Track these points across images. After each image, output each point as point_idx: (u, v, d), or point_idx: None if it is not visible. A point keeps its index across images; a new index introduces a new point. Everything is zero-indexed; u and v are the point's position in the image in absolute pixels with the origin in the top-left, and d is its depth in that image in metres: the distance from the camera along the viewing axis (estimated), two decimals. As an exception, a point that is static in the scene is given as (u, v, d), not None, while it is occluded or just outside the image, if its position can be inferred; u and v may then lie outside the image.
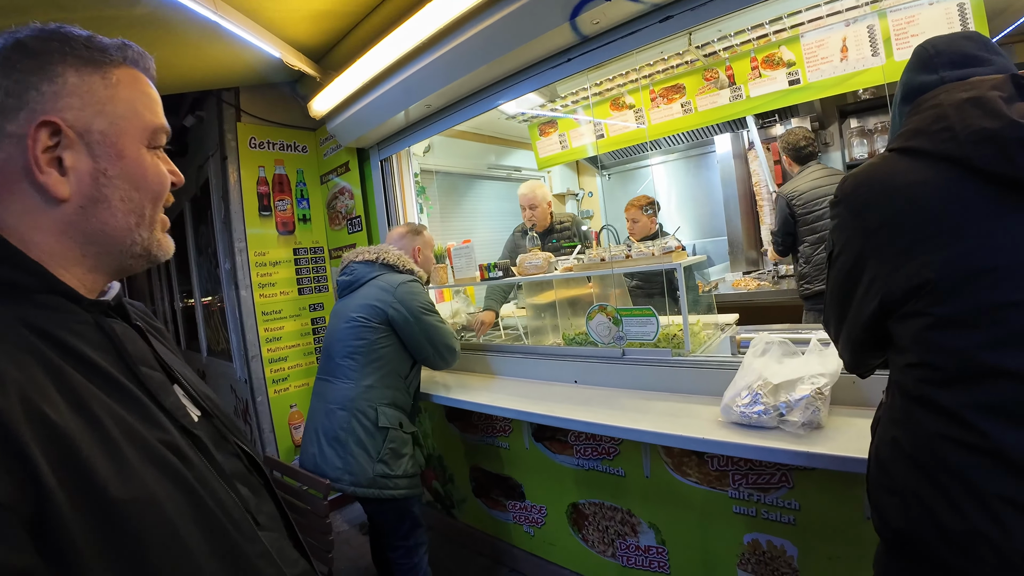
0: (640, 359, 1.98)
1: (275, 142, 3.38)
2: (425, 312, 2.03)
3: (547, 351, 2.29)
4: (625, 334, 2.01)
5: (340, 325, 2.06)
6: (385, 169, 3.02)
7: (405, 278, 2.06)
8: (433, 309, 2.08)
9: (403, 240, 2.24)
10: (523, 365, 2.34)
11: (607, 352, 2.06)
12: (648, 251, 2.07)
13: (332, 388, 2.03)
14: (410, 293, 2.02)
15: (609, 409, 1.80)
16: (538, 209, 3.05)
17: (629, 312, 2.00)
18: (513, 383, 2.32)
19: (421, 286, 2.11)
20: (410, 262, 2.14)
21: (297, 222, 3.45)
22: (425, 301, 2.06)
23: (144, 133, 0.69)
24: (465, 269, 2.66)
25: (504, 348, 2.48)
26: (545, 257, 2.38)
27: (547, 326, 2.63)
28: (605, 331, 2.05)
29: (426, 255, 2.28)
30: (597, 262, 2.16)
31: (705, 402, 1.73)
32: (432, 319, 2.05)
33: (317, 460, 1.97)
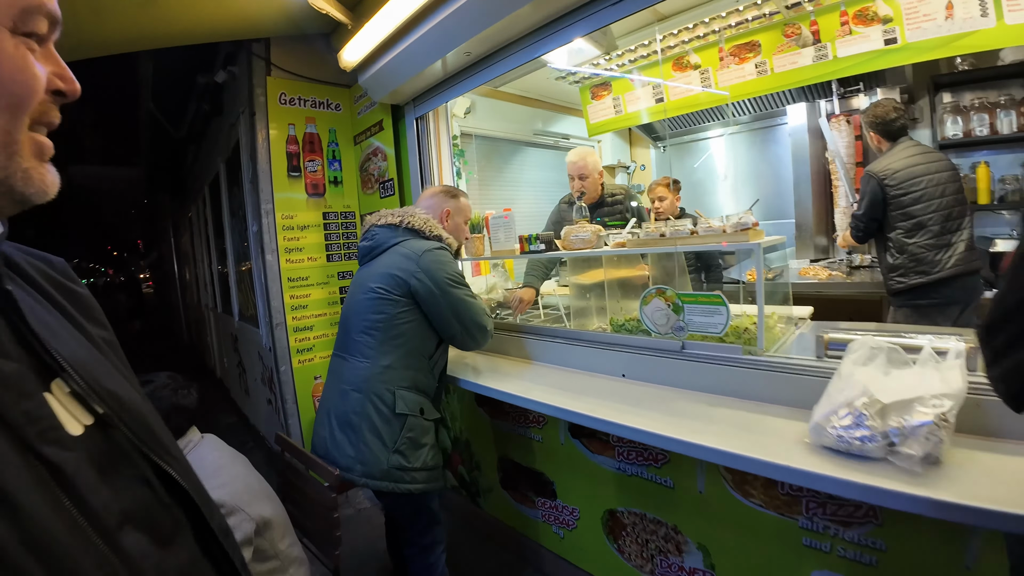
0: (703, 355, 1.67)
1: (307, 99, 3.16)
2: (452, 284, 1.79)
3: (592, 337, 2.01)
4: (686, 324, 1.71)
5: (358, 296, 1.84)
6: (421, 128, 2.75)
7: (431, 245, 1.82)
8: (462, 281, 1.84)
9: (433, 201, 1.99)
10: (564, 352, 2.07)
11: (663, 344, 1.77)
12: (718, 227, 1.74)
13: (347, 367, 1.82)
14: (436, 262, 1.77)
15: (665, 414, 1.52)
16: (588, 179, 2.74)
17: (693, 298, 1.69)
18: (551, 371, 2.05)
19: (450, 255, 1.87)
20: (438, 227, 1.90)
21: (328, 184, 3.25)
22: (453, 271, 1.82)
23: (5, 11, 0.45)
24: (503, 240, 2.40)
25: (543, 331, 2.21)
26: (594, 231, 2.08)
27: (592, 308, 2.34)
28: (663, 319, 1.75)
29: (456, 222, 2.01)
30: (656, 238, 1.85)
31: (784, 415, 1.42)
32: (461, 292, 1.81)
33: (328, 446, 1.78)
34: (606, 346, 1.92)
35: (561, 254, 2.13)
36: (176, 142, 5.48)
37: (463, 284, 1.84)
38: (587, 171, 2.72)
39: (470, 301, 1.84)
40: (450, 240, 1.91)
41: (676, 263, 2.02)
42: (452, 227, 1.99)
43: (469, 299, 1.84)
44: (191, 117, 4.73)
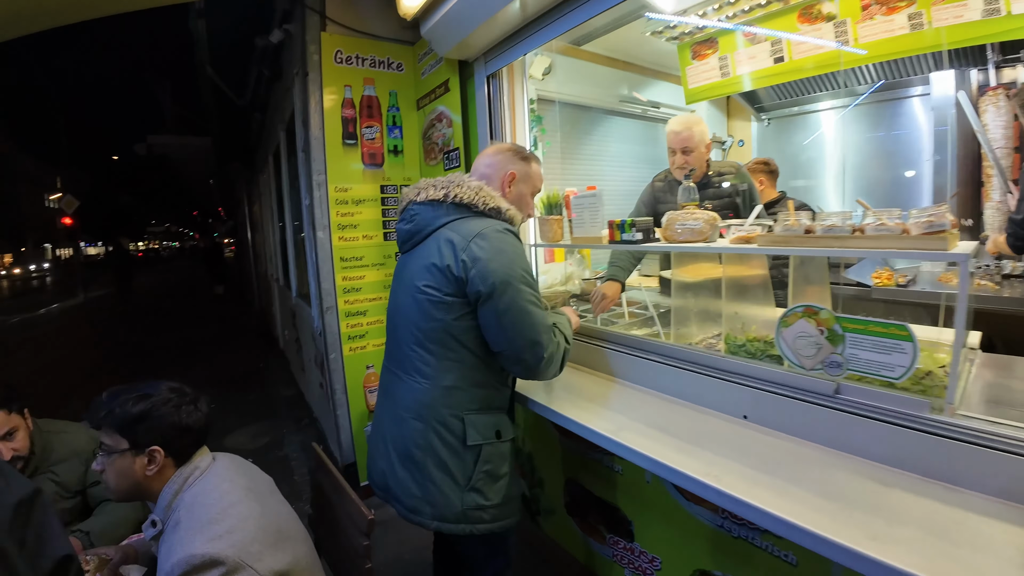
0: (867, 406, 1.20)
1: (365, 57, 2.81)
2: (512, 281, 1.33)
3: (699, 359, 1.55)
4: (846, 360, 1.23)
5: (403, 298, 1.47)
6: (493, 88, 2.33)
7: (487, 224, 1.38)
8: (526, 278, 1.37)
9: (495, 160, 1.54)
10: (660, 374, 1.63)
11: (806, 382, 1.30)
12: (895, 225, 1.24)
13: (402, 387, 1.46)
14: (491, 248, 1.33)
15: (816, 493, 1.06)
16: (695, 154, 2.24)
17: (862, 326, 1.20)
18: (643, 398, 1.62)
19: (514, 237, 1.41)
20: (494, 196, 1.44)
21: (387, 154, 2.90)
22: (515, 262, 1.36)
23: None
24: (588, 224, 1.96)
25: (632, 343, 1.78)
26: (708, 219, 1.61)
27: (691, 312, 1.87)
28: (810, 349, 1.27)
29: (520, 191, 1.56)
30: (799, 235, 1.36)
31: (998, 513, 0.94)
32: (522, 295, 1.35)
33: (389, 481, 1.46)
34: (720, 373, 1.46)
35: (664, 247, 1.67)
36: (241, 110, 5.35)
37: (526, 283, 1.37)
38: (693, 143, 2.22)
39: (532, 310, 1.36)
40: (511, 212, 1.46)
41: (818, 270, 1.52)
42: (515, 196, 1.54)
43: (529, 305, 1.36)
44: (253, 83, 4.53)
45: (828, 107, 3.87)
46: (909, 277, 2.82)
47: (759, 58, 2.75)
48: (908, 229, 1.23)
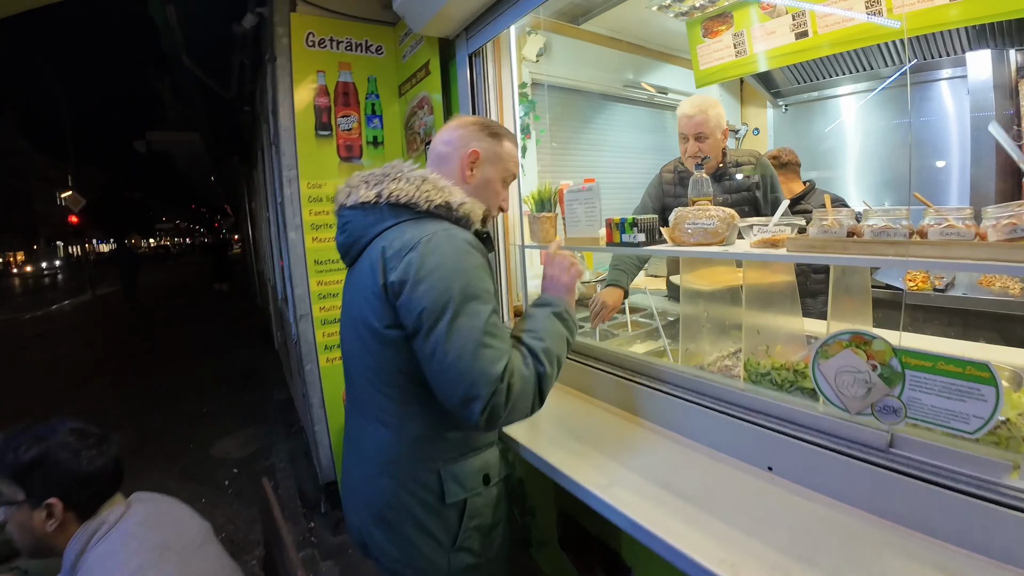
0: (930, 466, 0.92)
1: (340, 40, 2.54)
2: (446, 309, 0.98)
3: (711, 391, 1.27)
4: (905, 405, 0.95)
5: (347, 330, 1.20)
6: (476, 68, 2.06)
7: (428, 231, 1.04)
8: (471, 302, 1.00)
9: (452, 137, 1.20)
10: (663, 406, 1.36)
11: (850, 430, 1.02)
12: (964, 226, 0.97)
13: (364, 434, 1.18)
14: (425, 264, 1.00)
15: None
16: (709, 140, 1.95)
17: (929, 363, 0.92)
18: (644, 436, 1.35)
19: (465, 242, 1.05)
20: (444, 189, 1.11)
21: (365, 145, 2.64)
22: (454, 278, 1.00)
23: None
24: (583, 223, 1.69)
25: (631, 367, 1.50)
26: (724, 218, 1.34)
27: (703, 325, 1.59)
28: (858, 388, 0.99)
29: (486, 176, 1.21)
30: (840, 238, 1.08)
31: None
32: (459, 328, 0.98)
33: (365, 539, 1.20)
34: (739, 411, 1.18)
35: (672, 251, 1.39)
36: (229, 103, 5.11)
37: (469, 309, 0.99)
38: (709, 128, 1.93)
39: (468, 346, 0.96)
40: (466, 208, 1.12)
41: (860, 279, 1.24)
42: (479, 183, 1.20)
43: (468, 341, 0.97)
44: (237, 73, 4.28)
45: (850, 91, 3.55)
46: (947, 280, 2.52)
47: (779, 33, 2.44)
48: (983, 234, 0.95)
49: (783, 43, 2.43)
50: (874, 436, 0.99)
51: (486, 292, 1.03)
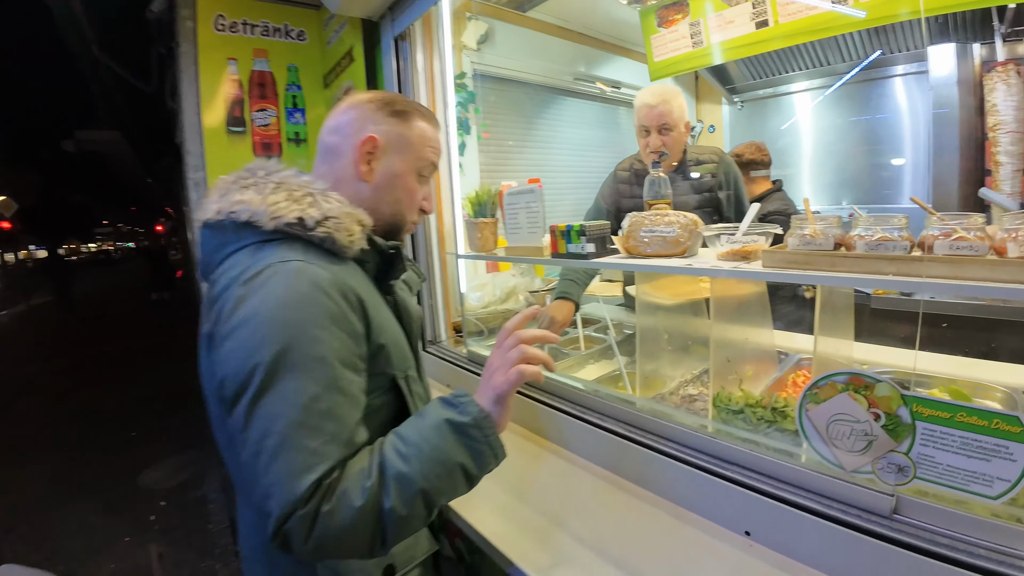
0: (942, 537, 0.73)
1: (255, 23, 2.25)
2: (252, 381, 0.68)
3: (674, 435, 1.06)
4: (915, 462, 0.76)
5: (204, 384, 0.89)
6: (403, 54, 1.80)
7: (261, 265, 0.75)
8: (295, 362, 0.69)
9: (341, 122, 0.90)
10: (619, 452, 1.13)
11: (846, 491, 0.83)
12: (977, 238, 0.80)
13: (239, 512, 0.93)
14: (243, 314, 0.72)
15: None
16: (672, 133, 1.76)
17: (947, 413, 0.74)
18: (595, 487, 1.12)
19: (309, 283, 0.74)
20: (304, 201, 0.80)
21: (286, 143, 2.35)
22: (271, 333, 0.70)
23: None
24: (524, 230, 1.46)
25: (581, 402, 1.28)
26: (685, 224, 1.14)
27: (662, 343, 1.39)
28: (856, 440, 0.80)
29: (392, 170, 0.90)
30: (827, 251, 0.90)
31: None
32: (267, 401, 0.68)
33: None
34: (709, 460, 0.98)
35: (626, 264, 1.18)
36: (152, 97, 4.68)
37: (298, 368, 0.69)
38: (671, 120, 1.74)
39: (280, 427, 0.67)
40: (331, 227, 0.79)
41: (843, 295, 1.06)
42: (383, 181, 0.90)
43: (277, 419, 0.67)
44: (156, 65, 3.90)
45: (807, 88, 3.45)
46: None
47: (738, 23, 2.27)
48: (1001, 248, 0.78)
49: (743, 33, 2.27)
50: (875, 500, 0.79)
51: (319, 360, 0.69)
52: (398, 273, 0.92)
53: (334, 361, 0.72)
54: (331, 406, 0.70)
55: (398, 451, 0.72)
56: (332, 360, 0.71)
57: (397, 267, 0.91)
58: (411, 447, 0.72)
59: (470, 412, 0.76)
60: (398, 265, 0.91)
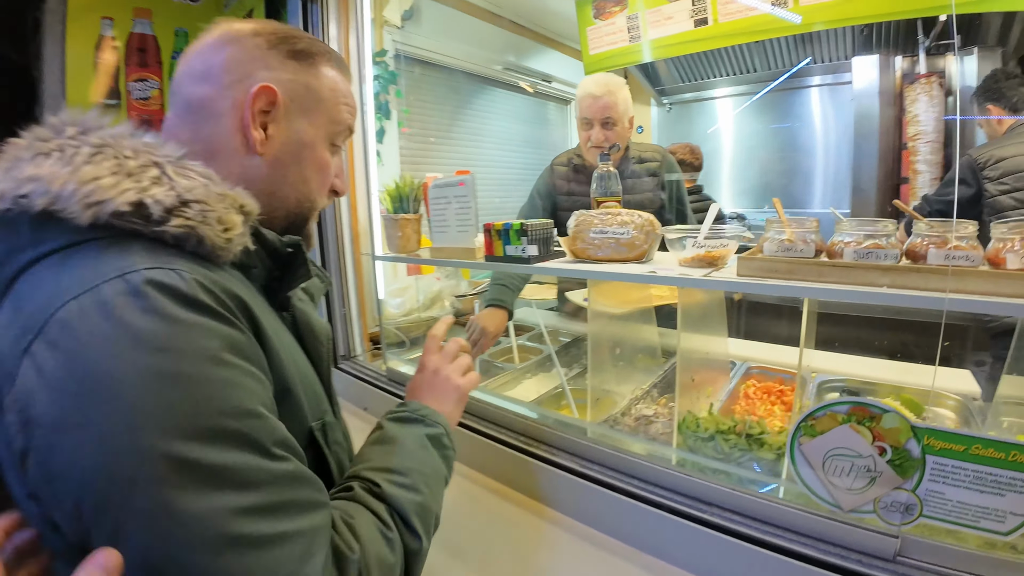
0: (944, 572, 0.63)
1: (134, -26, 1.89)
2: (130, 495, 0.40)
3: (633, 470, 0.90)
4: (922, 499, 0.65)
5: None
6: (313, 20, 1.55)
7: (72, 291, 0.44)
8: (213, 431, 0.43)
9: (212, 65, 0.60)
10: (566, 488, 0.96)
11: (842, 532, 0.71)
12: (970, 246, 0.72)
13: None
14: (72, 378, 0.42)
15: None
16: (617, 128, 1.63)
17: (961, 446, 0.63)
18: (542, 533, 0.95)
19: (173, 310, 0.45)
20: (146, 172, 0.51)
21: (171, 122, 2.00)
22: (141, 407, 0.41)
23: None
24: (453, 229, 1.26)
25: (516, 429, 1.10)
26: (640, 224, 1.00)
27: (613, 349, 1.24)
28: (857, 478, 0.68)
29: (297, 136, 0.64)
30: (807, 259, 0.78)
31: None
32: (187, 504, 0.41)
33: None
34: (676, 499, 0.83)
35: (575, 270, 1.01)
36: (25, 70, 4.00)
37: (218, 438, 0.44)
38: (617, 113, 1.61)
39: (226, 526, 0.42)
40: (198, 215, 0.51)
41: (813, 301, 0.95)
42: (284, 153, 0.63)
43: (217, 518, 0.42)
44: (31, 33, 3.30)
45: (734, 93, 3.50)
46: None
47: (677, 19, 2.19)
48: (999, 259, 0.70)
49: (681, 30, 2.20)
50: (878, 542, 0.68)
51: (246, 414, 0.47)
52: (299, 280, 0.65)
53: (259, 414, 0.48)
54: (284, 469, 0.48)
55: (402, 484, 0.62)
56: (255, 411, 0.47)
57: (298, 272, 0.64)
58: (412, 475, 0.63)
59: (438, 422, 0.72)
60: (299, 270, 0.64)
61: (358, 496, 0.58)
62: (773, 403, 1.23)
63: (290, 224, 0.66)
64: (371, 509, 0.57)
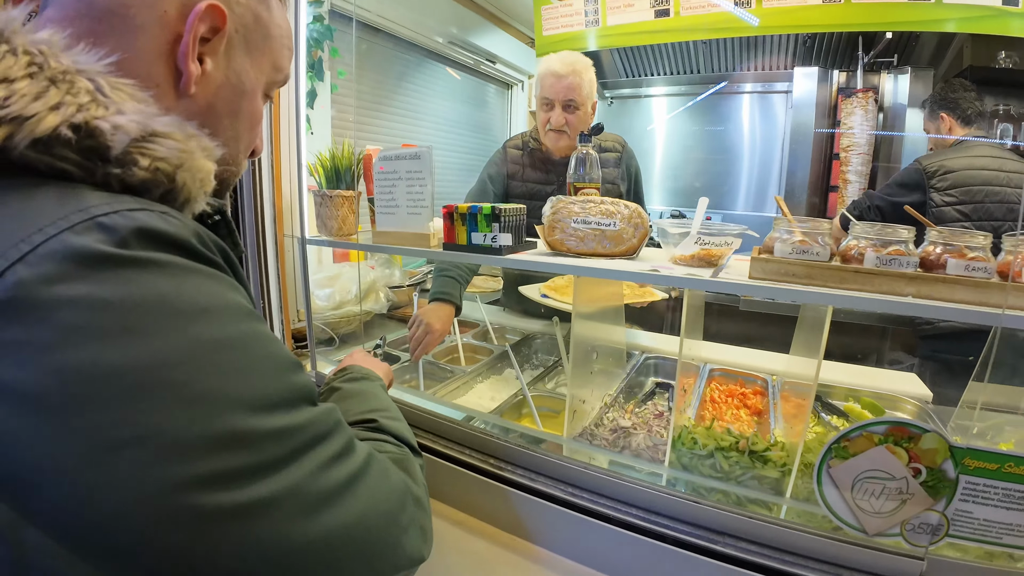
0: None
1: None
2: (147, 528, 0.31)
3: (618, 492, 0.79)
4: (950, 519, 0.60)
5: None
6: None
7: (47, 234, 0.32)
8: (270, 401, 0.37)
9: None
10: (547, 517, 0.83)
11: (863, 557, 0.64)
12: (985, 256, 0.67)
13: None
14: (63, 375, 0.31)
15: None
16: (580, 112, 1.52)
17: (994, 464, 0.59)
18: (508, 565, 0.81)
19: (183, 264, 0.36)
20: (76, 96, 0.35)
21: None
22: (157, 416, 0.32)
23: None
24: (403, 210, 1.08)
25: (471, 444, 0.94)
26: (627, 215, 0.88)
27: (587, 352, 1.12)
28: (887, 500, 0.61)
29: (237, 75, 0.50)
30: (826, 263, 0.70)
31: None
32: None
33: None
34: (673, 527, 0.72)
35: (555, 264, 0.87)
36: None
37: (280, 404, 0.38)
38: (581, 96, 1.50)
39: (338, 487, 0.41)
40: (172, 164, 0.39)
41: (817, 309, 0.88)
42: (223, 95, 0.49)
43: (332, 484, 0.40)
44: None
45: (674, 93, 3.49)
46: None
47: (638, 7, 2.12)
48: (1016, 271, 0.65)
49: (641, 19, 2.13)
50: (903, 566, 0.62)
51: (294, 365, 0.42)
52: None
53: (298, 364, 0.44)
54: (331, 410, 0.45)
55: (392, 418, 0.64)
56: (296, 362, 0.44)
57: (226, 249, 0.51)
58: (393, 411, 0.67)
59: (379, 378, 0.75)
60: (224, 241, 0.48)
61: (365, 436, 0.58)
62: (738, 407, 1.18)
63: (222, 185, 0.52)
64: (381, 440, 0.58)
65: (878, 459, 0.61)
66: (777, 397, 1.19)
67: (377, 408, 0.64)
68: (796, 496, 0.74)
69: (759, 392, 1.26)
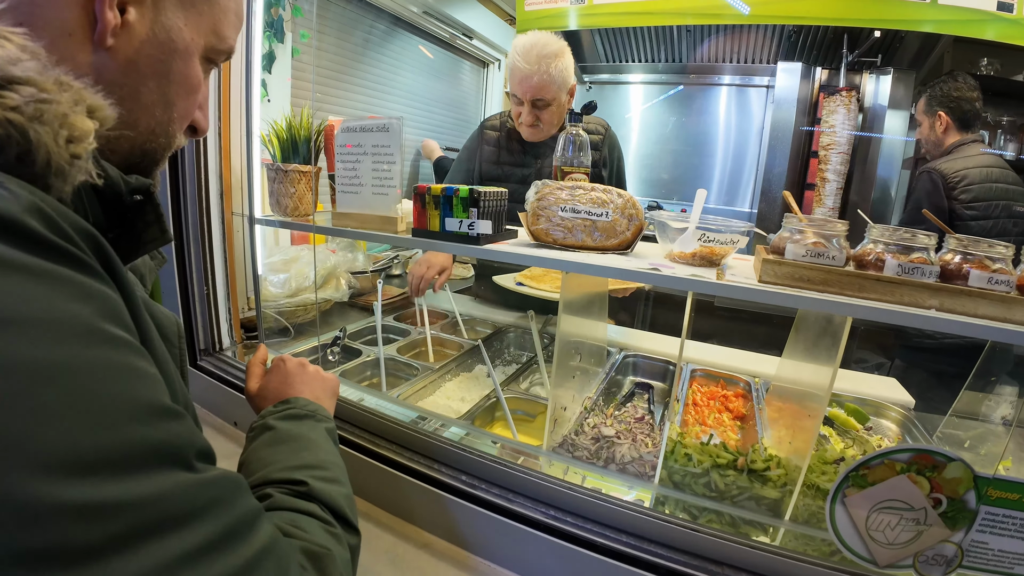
0: None
1: None
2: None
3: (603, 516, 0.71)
4: (964, 550, 0.55)
5: None
6: None
7: None
8: (143, 453, 0.28)
9: None
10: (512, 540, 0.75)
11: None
12: (1005, 270, 0.60)
13: None
14: None
15: None
16: (552, 107, 1.43)
17: (1016, 494, 0.54)
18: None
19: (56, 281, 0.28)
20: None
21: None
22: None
23: None
24: (368, 190, 0.97)
25: (447, 460, 0.85)
26: (620, 205, 0.79)
27: (571, 351, 1.03)
28: (903, 531, 0.57)
29: (167, 32, 0.42)
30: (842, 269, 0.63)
31: None
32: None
33: None
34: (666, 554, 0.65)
35: (540, 256, 0.77)
36: None
37: (152, 458, 0.29)
38: (550, 92, 1.41)
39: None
40: (27, 117, 0.28)
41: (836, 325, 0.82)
42: (150, 53, 0.41)
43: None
44: None
45: (654, 81, 3.41)
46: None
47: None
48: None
49: (629, 0, 2.03)
50: None
51: (160, 412, 0.31)
52: (148, 244, 0.44)
53: (166, 399, 0.32)
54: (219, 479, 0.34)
55: (327, 479, 0.54)
56: (165, 399, 0.32)
57: (146, 233, 0.43)
58: (333, 469, 0.56)
59: (328, 417, 0.66)
60: (149, 229, 0.43)
61: (284, 502, 0.49)
62: (720, 410, 1.12)
63: (133, 164, 0.44)
64: (305, 511, 0.48)
65: (898, 488, 0.55)
66: (762, 402, 1.14)
67: (311, 464, 0.54)
68: (795, 518, 0.68)
69: (741, 395, 1.21)
